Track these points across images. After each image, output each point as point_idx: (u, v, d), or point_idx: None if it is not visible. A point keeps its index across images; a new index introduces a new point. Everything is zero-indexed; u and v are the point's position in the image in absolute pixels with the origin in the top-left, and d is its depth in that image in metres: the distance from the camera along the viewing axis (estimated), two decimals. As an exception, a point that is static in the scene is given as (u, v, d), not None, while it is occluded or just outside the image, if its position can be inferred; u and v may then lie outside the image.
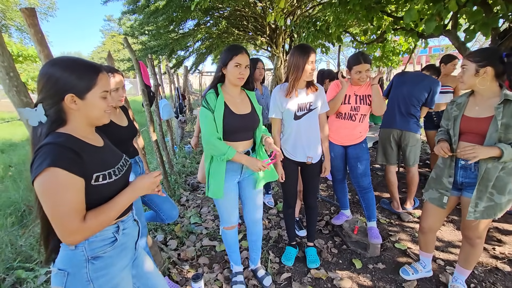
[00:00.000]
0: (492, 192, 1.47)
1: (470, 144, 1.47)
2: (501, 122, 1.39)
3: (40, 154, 0.79)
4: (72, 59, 0.88)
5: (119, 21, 10.59)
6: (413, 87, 2.60)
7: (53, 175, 0.78)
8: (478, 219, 1.52)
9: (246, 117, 1.59)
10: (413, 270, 1.93)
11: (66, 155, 0.81)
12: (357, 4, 3.48)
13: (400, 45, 6.06)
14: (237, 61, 1.49)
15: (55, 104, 0.84)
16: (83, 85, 0.86)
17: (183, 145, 5.52)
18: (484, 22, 2.74)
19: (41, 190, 0.79)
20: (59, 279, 0.89)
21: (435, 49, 17.04)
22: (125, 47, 3.04)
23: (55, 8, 19.27)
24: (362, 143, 2.25)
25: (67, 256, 0.90)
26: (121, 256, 0.99)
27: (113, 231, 0.97)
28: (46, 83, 0.84)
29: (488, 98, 1.47)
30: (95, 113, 0.91)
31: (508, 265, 2.02)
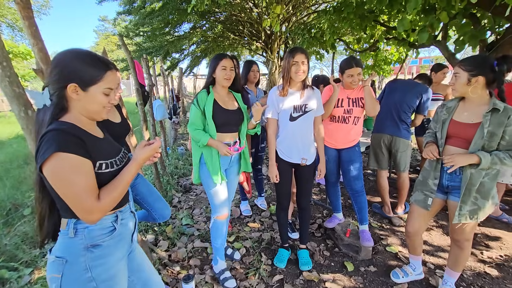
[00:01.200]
0: (476, 196, 1.51)
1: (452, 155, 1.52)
2: (487, 130, 1.43)
3: (45, 140, 0.80)
4: (87, 52, 0.90)
5: (114, 21, 10.52)
6: (404, 94, 2.66)
7: (61, 159, 0.79)
8: (462, 221, 1.55)
9: (233, 112, 1.86)
10: (403, 273, 1.95)
11: (71, 140, 0.82)
12: (351, 13, 3.57)
13: (392, 55, 6.21)
14: (222, 64, 1.78)
15: (58, 90, 0.86)
16: (88, 78, 0.87)
17: (176, 147, 5.47)
18: (472, 34, 2.84)
19: (52, 175, 0.80)
20: (57, 267, 0.89)
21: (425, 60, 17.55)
22: (119, 47, 3.02)
23: (49, 7, 19.04)
24: (355, 146, 2.28)
25: (65, 244, 0.90)
26: (118, 246, 0.99)
27: (111, 220, 0.98)
28: (54, 68, 0.86)
29: (478, 105, 1.51)
30: (93, 107, 0.91)
31: (495, 269, 2.07)
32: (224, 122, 1.82)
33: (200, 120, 1.81)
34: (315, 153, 2.01)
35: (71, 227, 0.90)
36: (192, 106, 1.83)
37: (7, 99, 1.16)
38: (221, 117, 1.80)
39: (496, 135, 1.42)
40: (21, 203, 3.09)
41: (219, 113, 1.79)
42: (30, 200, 3.11)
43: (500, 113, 1.41)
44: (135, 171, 0.96)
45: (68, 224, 0.90)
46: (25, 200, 3.12)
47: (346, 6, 3.57)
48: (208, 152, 1.83)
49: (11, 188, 3.49)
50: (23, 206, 2.98)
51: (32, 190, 3.42)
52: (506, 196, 3.20)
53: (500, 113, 1.41)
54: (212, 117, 1.77)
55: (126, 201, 1.06)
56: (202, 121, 1.81)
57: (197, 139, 1.79)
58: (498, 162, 1.41)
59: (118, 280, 0.97)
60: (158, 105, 4.35)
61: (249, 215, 2.93)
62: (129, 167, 0.95)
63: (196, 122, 1.81)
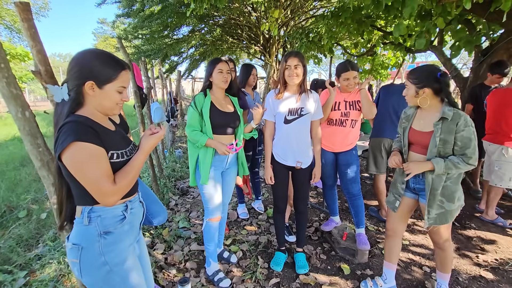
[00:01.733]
0: (442, 200, 1.56)
1: (409, 163, 1.59)
2: (440, 138, 1.49)
3: (64, 131, 0.87)
4: (104, 53, 0.98)
5: (113, 24, 10.53)
6: (401, 98, 2.67)
7: (79, 147, 0.87)
8: (433, 225, 1.60)
9: (229, 114, 1.90)
10: (372, 283, 1.90)
11: (87, 131, 0.90)
12: (349, 18, 3.61)
13: (389, 59, 6.26)
14: (219, 68, 1.83)
15: (77, 86, 0.93)
16: (105, 77, 0.95)
17: (173, 150, 5.46)
18: (468, 39, 2.89)
19: (71, 162, 0.88)
20: (74, 253, 0.98)
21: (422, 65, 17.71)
22: (118, 49, 3.03)
23: (48, 8, 19.04)
24: (353, 150, 2.29)
25: (81, 231, 0.99)
26: (128, 234, 1.07)
27: (122, 209, 1.05)
28: (74, 66, 0.93)
29: (432, 113, 1.56)
30: (107, 103, 0.99)
31: (491, 272, 2.08)
32: (220, 123, 1.85)
33: (198, 121, 1.84)
34: (312, 156, 2.02)
35: (85, 216, 0.98)
36: (189, 108, 1.87)
37: (4, 100, 1.16)
38: (218, 119, 1.84)
39: (448, 142, 1.48)
40: (16, 205, 3.07)
41: (216, 115, 1.83)
42: (26, 202, 3.08)
43: (449, 121, 1.47)
44: (144, 158, 1.03)
45: (83, 212, 0.98)
46: (20, 203, 3.09)
47: (343, 11, 3.61)
48: (203, 154, 1.86)
49: (6, 190, 3.46)
50: (18, 209, 2.96)
51: (27, 192, 3.40)
52: (502, 200, 3.22)
53: (449, 121, 1.47)
54: (208, 118, 1.81)
55: (135, 191, 1.13)
56: (199, 123, 1.85)
57: (196, 140, 1.82)
58: (452, 167, 1.47)
59: (130, 264, 1.06)
60: (156, 108, 4.35)
61: (246, 218, 2.92)
62: (137, 155, 1.03)
63: (194, 123, 1.84)
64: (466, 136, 1.45)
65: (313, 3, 8.36)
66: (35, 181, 3.86)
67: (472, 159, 1.45)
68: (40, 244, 2.36)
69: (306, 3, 8.24)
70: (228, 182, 2.05)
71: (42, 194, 3.35)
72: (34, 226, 2.62)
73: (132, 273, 1.06)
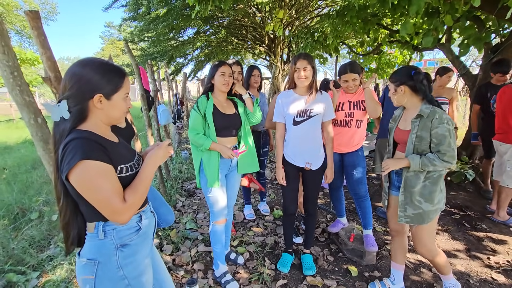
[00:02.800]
0: (420, 200, 1.57)
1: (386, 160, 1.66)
2: (416, 135, 1.53)
3: (69, 150, 0.83)
4: (102, 62, 0.93)
5: (120, 27, 10.68)
6: None
7: (87, 166, 0.82)
8: (409, 223, 1.63)
9: (230, 116, 1.91)
10: (380, 285, 1.89)
11: (94, 147, 0.86)
12: (354, 17, 3.58)
13: (396, 58, 6.19)
14: (221, 71, 1.84)
15: (82, 102, 0.88)
16: (111, 87, 0.92)
17: (180, 151, 5.51)
18: (477, 37, 2.83)
19: (80, 182, 0.83)
20: (89, 269, 0.93)
21: (430, 63, 17.44)
22: (125, 52, 3.07)
23: (56, 12, 19.41)
24: (359, 151, 2.27)
25: (96, 246, 0.94)
26: (144, 244, 1.05)
27: (136, 220, 1.02)
28: (76, 82, 0.88)
29: (413, 112, 1.61)
30: (116, 113, 0.96)
31: (502, 274, 2.04)
32: (223, 126, 1.87)
33: (201, 124, 1.85)
34: (323, 157, 2.00)
35: (100, 230, 0.94)
36: (192, 111, 1.87)
37: (18, 107, 1.20)
38: (220, 122, 1.85)
39: (424, 139, 1.51)
40: (28, 207, 3.14)
41: (219, 117, 1.85)
42: (38, 204, 3.15)
43: (425, 118, 1.51)
44: (154, 170, 1.00)
45: (97, 227, 0.94)
46: (32, 205, 3.17)
47: (349, 10, 3.59)
48: (207, 157, 1.86)
49: (19, 192, 3.54)
50: (30, 210, 3.03)
51: (39, 194, 3.47)
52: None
53: (425, 118, 1.51)
54: (212, 120, 1.83)
55: (146, 202, 1.11)
56: (202, 126, 1.85)
57: (200, 144, 1.82)
58: (428, 163, 1.49)
59: (147, 276, 1.04)
60: (162, 110, 4.40)
61: (253, 219, 2.93)
62: (147, 167, 0.99)
63: (197, 127, 1.85)
64: (440, 133, 1.47)
65: (318, 2, 8.32)
66: (46, 183, 3.95)
67: (446, 156, 1.47)
68: (51, 245, 2.41)
69: (311, 3, 8.21)
70: (233, 184, 2.05)
71: (53, 196, 3.42)
72: (46, 227, 2.67)
73: (149, 284, 1.05)
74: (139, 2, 7.06)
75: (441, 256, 1.70)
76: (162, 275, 1.24)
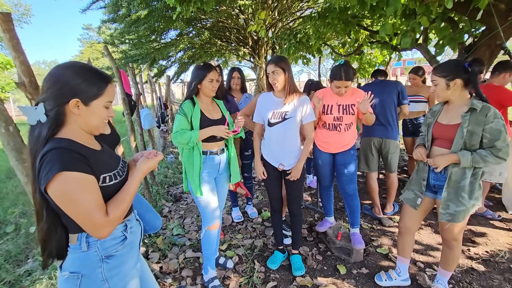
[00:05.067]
0: (464, 196, 1.53)
1: (434, 157, 1.58)
2: (467, 129, 1.49)
3: (47, 160, 0.78)
4: (85, 66, 0.90)
5: (99, 29, 10.37)
6: (383, 95, 2.74)
7: (66, 178, 0.78)
8: (450, 222, 1.58)
9: (217, 122, 1.88)
10: (386, 276, 1.96)
11: (73, 157, 0.81)
12: (335, 18, 3.65)
13: (376, 58, 6.36)
14: (210, 77, 1.81)
15: (58, 106, 0.84)
16: (91, 93, 0.87)
17: (165, 155, 5.40)
18: (451, 37, 2.95)
19: (58, 195, 0.79)
20: (72, 282, 0.89)
21: (409, 62, 18.09)
22: (104, 55, 2.98)
23: (30, 15, 18.63)
24: (350, 150, 2.26)
25: (79, 258, 0.90)
26: (130, 254, 1.01)
27: (121, 230, 0.99)
28: (54, 84, 0.84)
29: (459, 106, 1.57)
30: (94, 121, 0.91)
31: (482, 265, 2.12)
32: None
33: (186, 126, 1.80)
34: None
35: (83, 241, 0.90)
36: (177, 116, 1.82)
37: (-14, 115, 1.13)
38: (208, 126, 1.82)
39: (476, 133, 1.47)
40: (3, 220, 2.98)
41: (206, 123, 1.82)
42: (13, 216, 2.99)
43: (478, 112, 1.47)
44: (139, 181, 0.97)
45: (80, 238, 0.90)
46: (8, 217, 3.00)
47: (330, 12, 3.65)
48: (189, 165, 1.83)
49: (-7, 204, 3.36)
50: (6, 223, 2.87)
51: (14, 206, 3.30)
52: (490, 192, 3.30)
53: (478, 112, 1.47)
54: (199, 128, 1.79)
55: (131, 210, 1.08)
56: (187, 128, 1.81)
57: (187, 139, 1.74)
58: (480, 160, 1.45)
59: (134, 283, 1.01)
60: (145, 114, 4.30)
61: (241, 221, 2.91)
62: (133, 178, 0.96)
63: (182, 127, 1.79)
64: (495, 128, 1.43)
65: (300, 4, 8.43)
66: (23, 193, 3.76)
67: (501, 152, 1.43)
68: (29, 259, 2.29)
69: (293, 5, 8.30)
70: (222, 187, 2.04)
71: (30, 207, 3.26)
72: (23, 240, 2.54)
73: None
74: (119, 4, 6.88)
75: (460, 249, 1.71)
76: (149, 284, 1.20)
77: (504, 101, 2.46)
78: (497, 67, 2.63)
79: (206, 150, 1.86)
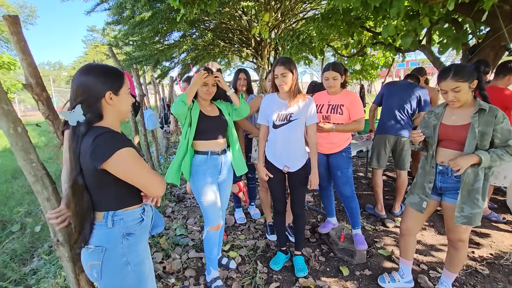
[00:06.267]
0: (478, 198, 1.53)
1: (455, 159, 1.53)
2: (478, 130, 1.49)
3: (101, 142, 0.94)
4: (101, 65, 1.05)
5: (103, 31, 10.47)
6: (404, 95, 2.77)
7: (127, 152, 0.97)
8: (466, 224, 1.56)
9: (215, 118, 1.91)
10: (390, 278, 1.95)
11: (123, 138, 1.02)
12: (339, 20, 3.65)
13: (378, 59, 6.35)
14: (205, 81, 1.83)
15: (96, 102, 1.00)
16: (117, 84, 1.05)
17: (168, 156, 5.43)
18: (455, 37, 2.95)
19: (124, 167, 0.97)
20: (96, 255, 1.03)
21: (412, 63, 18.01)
22: (109, 57, 3.01)
23: (35, 16, 18.84)
24: (342, 152, 2.26)
25: (104, 234, 1.04)
26: (144, 236, 1.15)
27: (140, 212, 1.12)
28: (86, 87, 0.99)
29: (464, 108, 1.58)
30: (125, 107, 1.09)
31: (486, 267, 2.11)
32: (208, 128, 1.86)
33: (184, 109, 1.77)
34: (304, 161, 2.00)
35: (109, 219, 1.03)
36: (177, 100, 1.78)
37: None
38: (206, 124, 1.84)
39: (487, 134, 1.48)
40: (9, 219, 3.01)
41: (204, 119, 1.84)
42: (19, 216, 3.03)
43: (486, 113, 1.49)
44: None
45: (106, 216, 1.03)
46: (13, 216, 3.04)
47: (333, 13, 3.65)
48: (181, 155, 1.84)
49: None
50: (12, 223, 2.91)
51: (20, 205, 3.34)
52: (494, 194, 3.28)
53: (486, 113, 1.49)
54: (196, 124, 1.81)
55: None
56: (192, 125, 1.82)
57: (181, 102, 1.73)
58: (497, 159, 1.47)
59: (147, 263, 1.15)
60: (149, 115, 4.33)
61: (244, 222, 2.92)
62: None
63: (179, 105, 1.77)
64: (506, 128, 1.46)
65: (303, 5, 8.44)
66: (28, 193, 3.80)
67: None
68: (35, 258, 2.32)
69: (296, 6, 8.32)
70: (224, 189, 2.04)
71: (36, 207, 3.29)
72: (29, 239, 2.57)
73: (149, 274, 1.15)
74: (123, 6, 6.94)
75: (466, 250, 1.71)
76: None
77: (508, 103, 2.45)
78: (501, 69, 2.61)
79: (207, 150, 1.85)
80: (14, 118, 1.14)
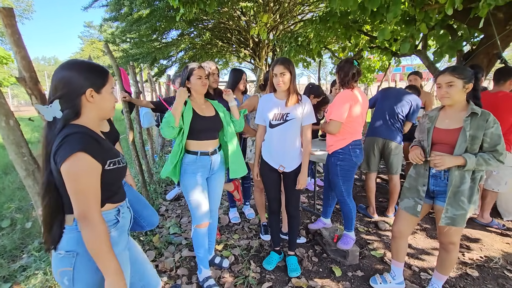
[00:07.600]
0: (464, 200, 1.56)
1: (439, 153, 1.60)
2: (469, 133, 1.52)
3: (67, 142, 0.87)
4: (86, 61, 1.01)
5: (100, 27, 10.38)
6: (397, 101, 2.80)
7: (82, 158, 0.87)
8: (450, 225, 1.60)
9: (210, 118, 1.89)
10: (381, 279, 1.97)
11: (91, 143, 0.92)
12: (336, 23, 3.68)
13: (375, 63, 6.41)
14: (198, 74, 1.83)
15: (75, 99, 0.94)
16: (100, 82, 0.99)
17: (163, 154, 5.40)
18: (450, 45, 3.00)
19: (70, 172, 0.87)
20: (68, 261, 0.95)
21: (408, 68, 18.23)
22: (105, 53, 2.99)
23: (32, 11, 18.61)
24: (332, 156, 2.23)
25: (75, 238, 0.96)
26: (121, 238, 1.09)
27: (115, 214, 1.07)
28: (67, 82, 0.93)
29: (457, 111, 1.60)
30: (107, 106, 1.03)
31: (476, 270, 2.14)
32: (203, 128, 1.84)
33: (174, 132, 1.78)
34: (300, 161, 2.00)
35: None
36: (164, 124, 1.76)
37: (-13, 109, 1.13)
38: (200, 124, 1.82)
39: (477, 137, 1.51)
40: (-1, 214, 2.96)
41: (198, 120, 1.82)
42: (9, 211, 2.98)
43: (478, 117, 1.51)
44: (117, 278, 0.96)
45: (75, 219, 0.95)
46: (4, 212, 2.99)
47: (331, 16, 3.68)
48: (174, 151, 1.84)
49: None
50: (1, 218, 2.86)
51: (11, 201, 3.29)
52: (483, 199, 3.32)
53: (478, 117, 1.51)
54: (190, 125, 1.79)
55: (124, 197, 1.14)
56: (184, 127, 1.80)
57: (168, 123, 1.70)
58: (483, 163, 1.49)
59: (124, 267, 1.06)
60: (145, 112, 4.29)
61: (238, 222, 2.92)
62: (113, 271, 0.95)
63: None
64: (495, 133, 1.49)
65: (302, 7, 8.49)
66: (19, 189, 3.74)
67: (502, 156, 1.50)
68: (24, 254, 2.28)
69: (294, 8, 8.36)
70: (215, 188, 2.02)
71: (26, 202, 3.24)
72: (18, 236, 2.53)
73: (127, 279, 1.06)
74: (121, 2, 6.91)
75: (457, 252, 1.72)
76: (143, 265, 1.26)
77: None
78: (500, 75, 2.59)
79: (197, 151, 1.84)
80: (6, 111, 1.12)
